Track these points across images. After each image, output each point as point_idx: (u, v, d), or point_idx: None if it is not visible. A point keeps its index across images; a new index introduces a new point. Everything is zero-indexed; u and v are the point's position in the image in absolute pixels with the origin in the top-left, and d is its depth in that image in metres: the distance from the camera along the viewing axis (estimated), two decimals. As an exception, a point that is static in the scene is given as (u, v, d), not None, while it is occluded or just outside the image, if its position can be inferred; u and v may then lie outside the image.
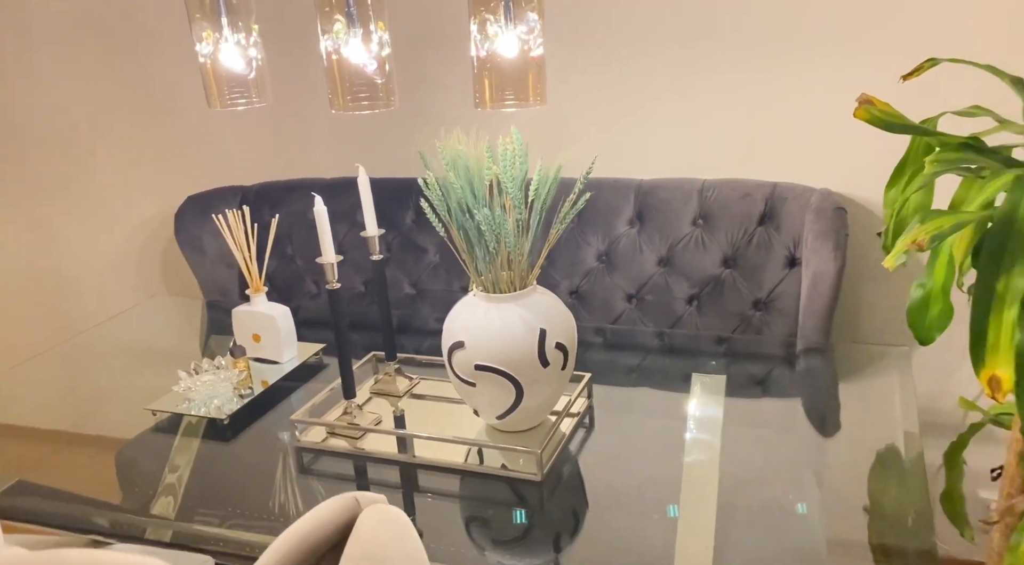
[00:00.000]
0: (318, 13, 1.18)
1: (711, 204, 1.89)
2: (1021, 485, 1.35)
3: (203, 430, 1.56)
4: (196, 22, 1.27)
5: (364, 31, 1.17)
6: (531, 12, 1.06)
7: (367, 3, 1.16)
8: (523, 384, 1.33)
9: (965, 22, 1.69)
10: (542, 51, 1.09)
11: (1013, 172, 1.13)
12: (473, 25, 1.10)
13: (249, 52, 1.30)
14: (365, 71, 1.18)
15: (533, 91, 1.12)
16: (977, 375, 1.10)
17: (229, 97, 1.31)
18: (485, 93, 1.12)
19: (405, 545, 0.81)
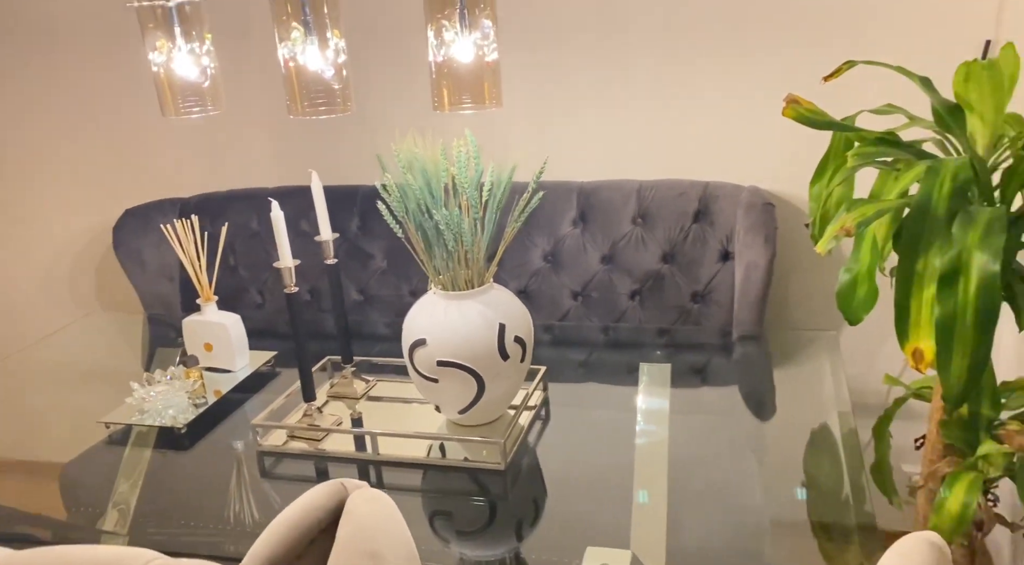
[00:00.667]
0: (275, 22, 1.21)
1: (649, 204, 1.98)
2: (942, 451, 1.47)
3: (156, 441, 1.55)
4: (149, 31, 1.28)
5: (321, 38, 1.21)
6: (485, 19, 1.12)
7: (323, 11, 1.19)
8: (484, 377, 1.38)
9: (879, 26, 1.83)
10: (496, 56, 1.15)
11: (925, 163, 1.25)
12: (430, 31, 1.15)
13: (203, 61, 1.32)
14: (323, 77, 1.21)
15: (489, 94, 1.17)
16: (902, 348, 1.20)
17: (183, 106, 1.32)
18: (444, 97, 1.17)
19: (395, 523, 0.85)
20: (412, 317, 1.42)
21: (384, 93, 2.21)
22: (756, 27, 1.90)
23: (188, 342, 1.77)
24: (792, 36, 1.88)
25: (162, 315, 2.27)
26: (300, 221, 2.25)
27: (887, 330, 2.04)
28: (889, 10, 1.81)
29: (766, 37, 1.90)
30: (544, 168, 1.35)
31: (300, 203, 2.24)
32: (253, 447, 1.49)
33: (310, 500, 0.85)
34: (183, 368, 1.69)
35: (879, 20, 1.82)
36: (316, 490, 0.87)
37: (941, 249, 1.16)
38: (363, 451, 1.45)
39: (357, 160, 2.30)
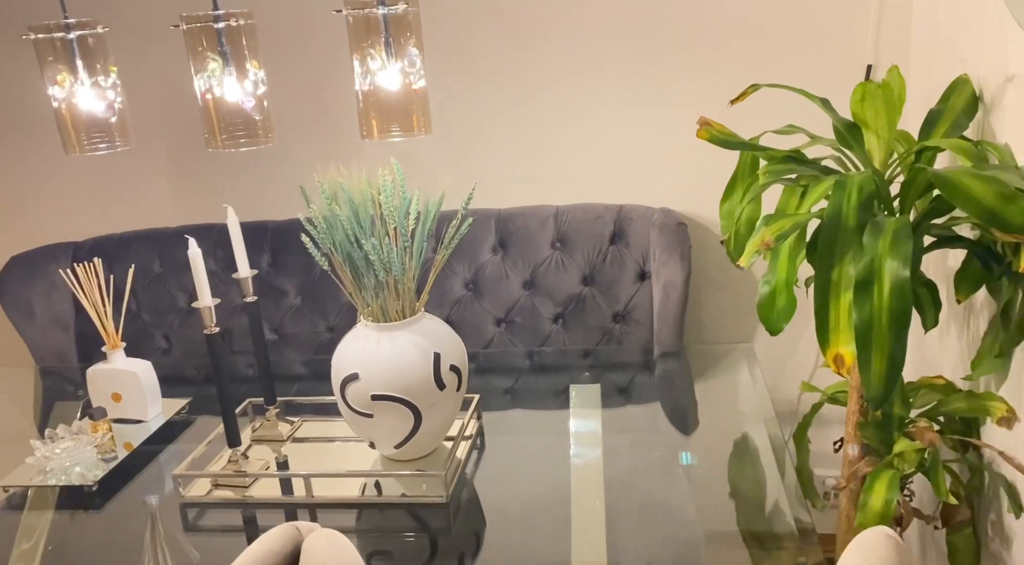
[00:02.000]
0: (190, 52, 1.17)
1: (566, 228, 2.01)
2: (860, 452, 1.54)
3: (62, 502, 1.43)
4: (48, 65, 1.21)
5: (240, 69, 1.17)
6: (412, 47, 1.12)
7: (242, 41, 1.16)
8: (421, 409, 1.35)
9: (770, 52, 1.94)
10: (424, 83, 1.15)
11: (832, 178, 1.32)
12: (356, 60, 1.13)
13: (108, 94, 1.26)
14: (243, 109, 1.18)
15: (418, 122, 1.17)
16: (824, 355, 1.26)
17: (89, 143, 1.25)
18: (372, 126, 1.15)
19: (355, 562, 0.82)
20: (342, 351, 1.39)
21: (289, 125, 2.16)
22: (660, 54, 1.97)
23: (93, 393, 1.66)
24: (693, 62, 1.97)
25: (57, 367, 2.12)
26: (206, 259, 2.15)
27: (796, 338, 2.14)
28: (779, 38, 1.92)
29: (670, 64, 1.98)
30: (472, 194, 1.35)
31: (204, 242, 2.15)
32: (175, 499, 1.41)
33: (265, 546, 0.81)
34: (89, 421, 1.58)
35: (770, 47, 1.93)
36: (269, 535, 0.83)
37: (854, 258, 1.23)
38: (291, 495, 1.39)
39: (263, 195, 2.23)
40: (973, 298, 1.55)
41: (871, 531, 0.76)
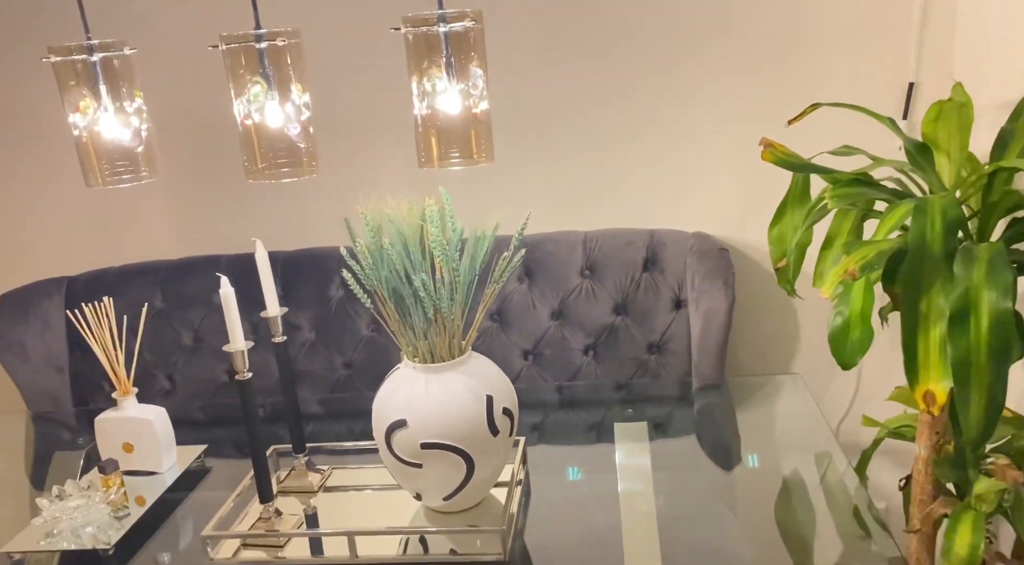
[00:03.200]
0: (229, 75, 1.06)
1: (596, 254, 1.92)
2: (932, 492, 1.46)
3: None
4: (70, 90, 1.10)
5: (283, 93, 1.07)
6: (474, 67, 1.03)
7: (287, 62, 1.06)
8: (474, 457, 1.24)
9: (807, 73, 1.87)
10: (487, 106, 1.05)
11: (909, 203, 1.25)
12: (413, 82, 1.04)
13: (133, 121, 1.15)
14: (288, 135, 1.07)
15: (477, 148, 1.07)
16: (912, 391, 1.17)
17: (112, 173, 1.14)
18: (432, 152, 1.06)
19: None
20: (386, 395, 1.27)
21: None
22: (690, 77, 1.90)
23: (102, 443, 1.53)
24: (724, 84, 1.90)
25: (51, 413, 1.98)
26: (212, 295, 2.03)
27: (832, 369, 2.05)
28: (815, 59, 1.85)
29: (700, 86, 1.90)
30: (526, 224, 1.25)
31: (207, 277, 2.04)
32: (201, 562, 1.28)
33: None
34: (99, 475, 1.44)
35: (807, 68, 1.86)
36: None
37: (943, 288, 1.15)
38: (320, 555, 1.27)
39: (267, 226, 2.12)
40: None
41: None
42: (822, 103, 1.41)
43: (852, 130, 1.72)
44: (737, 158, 1.93)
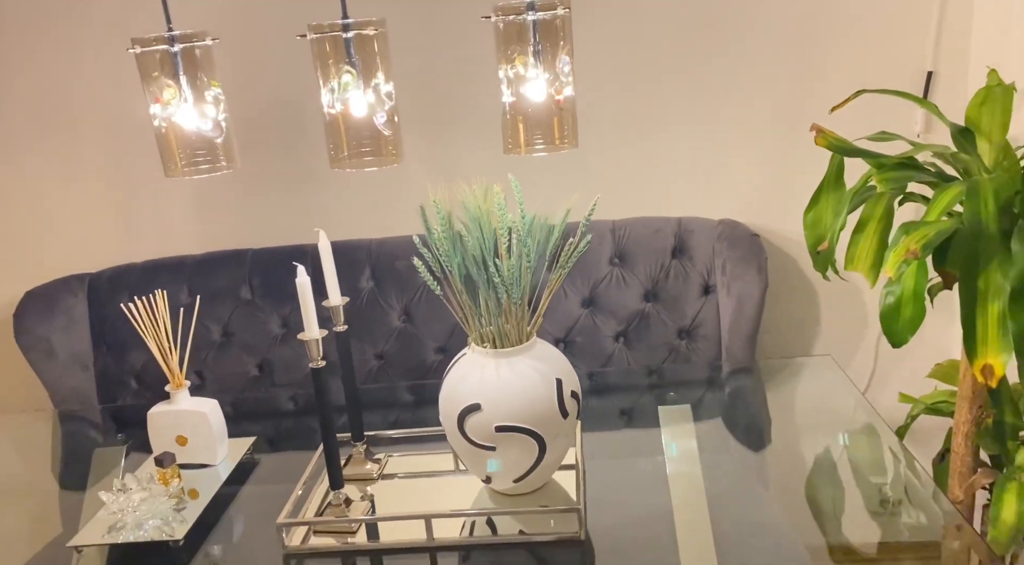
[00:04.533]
0: (317, 64, 1.07)
1: (625, 243, 1.96)
2: (972, 464, 1.52)
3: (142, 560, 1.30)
4: (153, 80, 1.10)
5: (367, 82, 1.08)
6: (564, 54, 1.05)
7: (374, 50, 1.07)
8: (546, 439, 1.27)
9: (826, 63, 1.93)
10: (571, 93, 1.08)
11: (960, 184, 1.30)
12: (502, 71, 1.06)
13: (210, 111, 1.15)
14: (373, 124, 1.09)
15: (561, 134, 1.09)
16: (972, 366, 1.23)
17: (190, 164, 1.14)
18: (519, 138, 1.08)
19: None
20: (457, 380, 1.29)
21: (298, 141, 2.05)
22: (714, 67, 1.94)
23: (155, 437, 1.52)
24: (746, 74, 1.94)
25: (77, 411, 1.95)
26: (240, 288, 2.03)
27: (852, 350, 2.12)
28: (836, 48, 1.91)
29: (724, 76, 1.95)
30: (595, 208, 1.28)
31: (237, 269, 2.04)
32: (273, 550, 1.29)
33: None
34: (157, 469, 1.44)
35: (829, 58, 1.92)
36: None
37: (1002, 266, 1.21)
38: (376, 540, 1.29)
39: (290, 220, 2.11)
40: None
41: None
42: (867, 90, 1.46)
43: (868, 116, 1.78)
44: (760, 147, 1.98)
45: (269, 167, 2.08)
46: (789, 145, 1.97)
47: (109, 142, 2.08)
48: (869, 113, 1.82)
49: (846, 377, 1.70)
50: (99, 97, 2.05)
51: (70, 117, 2.07)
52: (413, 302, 2.01)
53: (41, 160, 2.10)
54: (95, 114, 2.06)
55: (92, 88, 2.04)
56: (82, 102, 2.06)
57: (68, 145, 2.09)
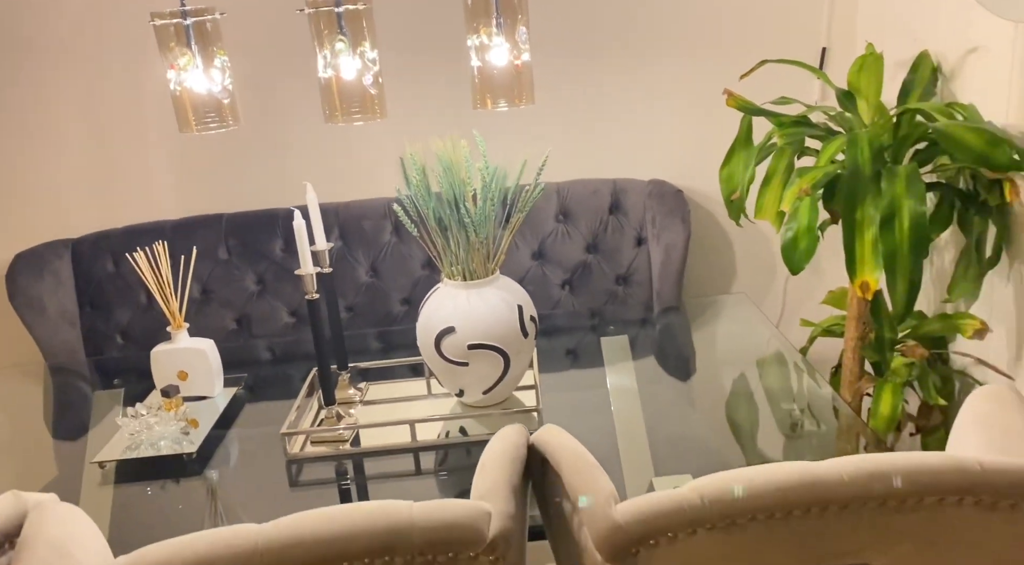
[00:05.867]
0: (314, 35, 1.28)
1: (568, 202, 2.21)
2: (859, 372, 1.83)
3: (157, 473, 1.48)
4: (169, 50, 1.29)
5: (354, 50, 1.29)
6: (521, 26, 1.28)
7: (362, 24, 1.28)
8: (510, 355, 1.50)
9: (733, 40, 2.20)
10: (528, 58, 1.31)
11: (842, 137, 1.58)
12: (470, 40, 1.28)
13: (217, 76, 1.34)
14: (362, 85, 1.30)
15: (519, 94, 1.33)
16: (852, 283, 1.52)
17: (200, 123, 1.34)
18: (486, 98, 1.30)
19: (87, 531, 0.90)
20: (433, 309, 1.52)
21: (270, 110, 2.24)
22: (643, 49, 2.20)
23: (158, 373, 1.70)
24: (669, 55, 2.21)
25: (67, 364, 2.10)
26: (217, 250, 2.20)
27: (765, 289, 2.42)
28: (744, 28, 2.19)
29: (650, 56, 2.21)
30: (545, 162, 1.52)
31: (213, 233, 2.21)
32: (276, 459, 1.49)
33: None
34: (163, 399, 1.62)
35: (737, 36, 2.20)
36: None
37: (874, 201, 1.49)
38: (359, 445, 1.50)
39: (262, 186, 2.29)
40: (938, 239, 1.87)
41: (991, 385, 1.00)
42: (769, 60, 1.73)
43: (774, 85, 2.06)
44: (683, 114, 2.26)
45: (243, 136, 2.25)
46: (707, 112, 2.25)
47: (88, 112, 2.22)
48: (775, 83, 2.09)
49: (760, 312, 1.99)
50: (79, 70, 2.18)
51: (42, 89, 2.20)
52: (379, 258, 2.22)
53: (23, 131, 2.23)
54: (75, 86, 2.20)
55: (73, 60, 2.18)
56: (62, 74, 2.19)
57: (49, 116, 2.22)
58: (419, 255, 2.22)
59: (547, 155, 1.52)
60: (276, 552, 0.79)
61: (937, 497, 0.81)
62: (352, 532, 0.80)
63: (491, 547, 0.82)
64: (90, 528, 0.91)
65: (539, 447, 0.97)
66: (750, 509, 0.80)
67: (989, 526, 0.82)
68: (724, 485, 0.81)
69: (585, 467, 0.89)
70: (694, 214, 2.30)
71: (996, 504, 0.81)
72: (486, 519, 0.83)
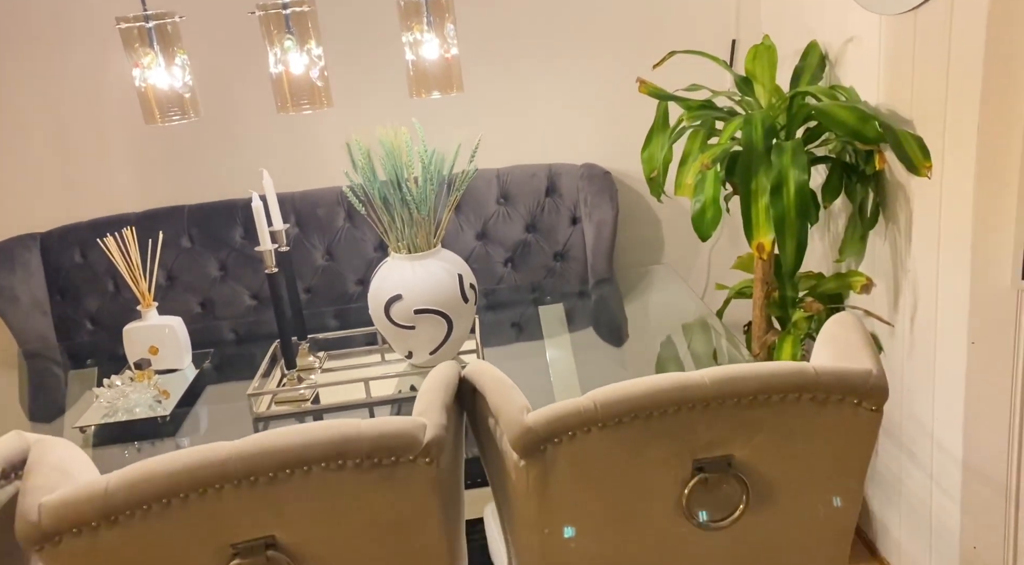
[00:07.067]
0: (264, 35, 1.44)
1: (508, 185, 2.40)
2: (765, 327, 2.04)
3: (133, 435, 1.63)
4: (134, 50, 1.44)
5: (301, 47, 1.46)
6: (449, 23, 1.46)
7: (307, 24, 1.45)
8: (452, 318, 1.69)
9: (653, 34, 2.41)
10: (456, 52, 1.49)
11: (740, 118, 1.80)
12: (404, 36, 1.46)
13: (177, 73, 1.50)
14: (310, 78, 1.47)
15: (450, 84, 1.51)
16: (750, 245, 1.73)
17: (164, 116, 1.49)
18: (420, 88, 1.48)
19: (82, 459, 1.06)
20: (382, 279, 1.69)
21: (225, 106, 2.39)
22: (571, 46, 2.40)
23: (130, 348, 1.84)
24: (594, 50, 2.41)
25: (41, 350, 2.23)
26: (181, 238, 2.34)
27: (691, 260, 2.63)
28: (660, 23, 2.40)
29: (580, 52, 2.41)
30: (478, 145, 1.70)
31: (176, 224, 2.35)
32: (244, 418, 1.65)
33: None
34: (136, 371, 1.77)
35: (655, 31, 2.41)
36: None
37: (766, 172, 1.71)
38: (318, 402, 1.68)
39: (220, 178, 2.44)
40: (832, 207, 2.10)
41: (842, 313, 1.21)
42: (677, 51, 1.94)
43: (691, 74, 2.28)
44: (610, 104, 2.46)
45: (200, 131, 2.40)
46: (631, 100, 2.45)
47: (50, 111, 2.35)
48: (692, 72, 2.32)
49: (683, 281, 2.20)
50: (39, 70, 2.31)
51: (13, 90, 2.32)
52: (334, 242, 2.38)
53: (-15, 134, 2.35)
54: (35, 83, 2.32)
55: (32, 60, 2.30)
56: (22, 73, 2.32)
57: (11, 114, 2.34)
58: (371, 238, 2.39)
59: (479, 139, 1.70)
60: (246, 458, 0.96)
61: (781, 395, 1.01)
62: (310, 441, 0.97)
63: (426, 451, 1.01)
64: (83, 458, 1.07)
65: (469, 377, 1.15)
66: (632, 409, 1.00)
67: (822, 417, 1.03)
68: (612, 391, 1.00)
69: (504, 388, 1.08)
70: (623, 193, 2.51)
71: (827, 399, 1.02)
72: (422, 429, 1.02)
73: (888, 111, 1.75)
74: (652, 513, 1.06)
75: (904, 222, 1.77)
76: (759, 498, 1.07)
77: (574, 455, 1.01)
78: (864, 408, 1.03)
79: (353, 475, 0.99)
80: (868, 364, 1.03)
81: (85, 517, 0.93)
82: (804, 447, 1.04)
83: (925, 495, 1.83)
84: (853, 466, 1.07)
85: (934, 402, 1.76)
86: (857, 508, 1.12)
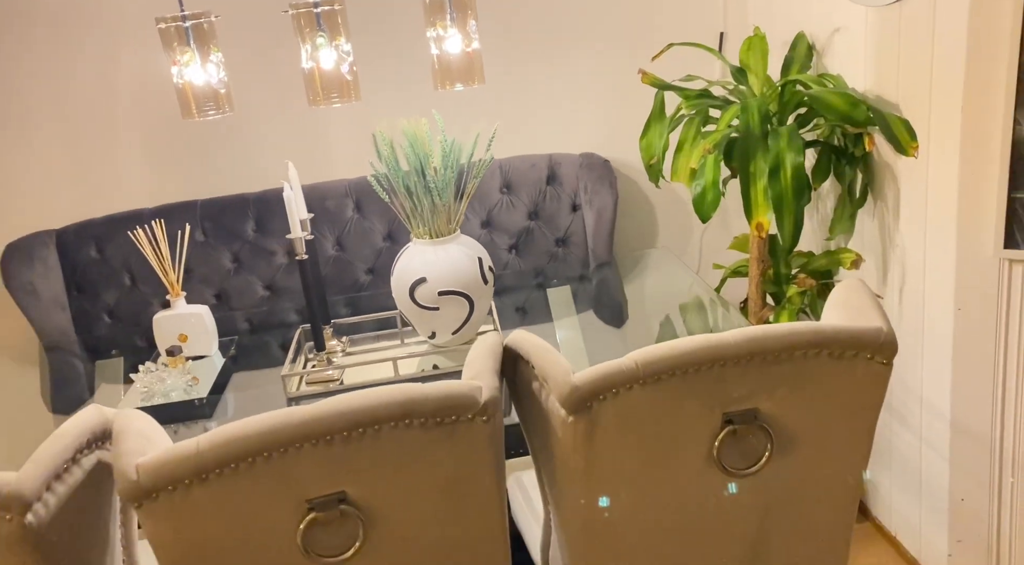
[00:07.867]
0: (297, 33, 1.52)
1: (510, 176, 2.49)
2: (761, 303, 2.17)
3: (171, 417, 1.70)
4: (172, 49, 1.52)
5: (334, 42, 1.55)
6: (471, 20, 1.55)
7: (338, 22, 1.54)
8: (474, 299, 1.78)
9: (644, 29, 2.52)
10: (478, 46, 1.58)
11: (737, 105, 1.91)
12: (429, 32, 1.55)
13: (213, 70, 1.58)
14: (340, 73, 1.56)
15: (472, 77, 1.60)
16: (749, 224, 1.85)
17: (200, 110, 1.57)
18: (444, 80, 1.57)
19: (159, 429, 1.14)
20: (406, 263, 1.78)
21: (238, 104, 2.46)
22: (571, 42, 2.50)
23: (160, 337, 1.91)
24: (592, 45, 2.51)
25: (61, 344, 2.28)
26: (194, 232, 2.41)
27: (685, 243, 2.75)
28: (652, 19, 2.51)
29: (579, 47, 2.51)
30: (495, 134, 1.80)
31: (189, 218, 2.42)
32: (277, 399, 1.74)
33: (75, 423, 1.11)
34: (168, 358, 1.84)
35: (648, 26, 2.52)
36: (80, 415, 1.13)
37: (764, 156, 1.82)
38: (344, 382, 1.77)
39: (234, 171, 2.50)
40: (821, 188, 2.22)
41: (850, 279, 1.33)
42: (675, 43, 2.05)
43: (684, 65, 2.39)
44: (606, 95, 2.57)
45: (210, 126, 2.46)
46: (626, 91, 2.56)
47: (63, 108, 2.40)
48: (682, 64, 2.42)
49: (681, 262, 2.31)
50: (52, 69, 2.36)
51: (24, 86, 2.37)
52: (344, 233, 2.46)
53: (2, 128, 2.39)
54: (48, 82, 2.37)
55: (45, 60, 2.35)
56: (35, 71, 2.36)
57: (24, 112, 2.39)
58: (380, 228, 2.47)
59: (496, 128, 1.80)
60: (323, 419, 1.05)
61: (803, 351, 1.13)
62: (381, 402, 1.07)
63: (483, 410, 1.10)
64: (158, 426, 1.15)
65: (512, 346, 1.25)
66: (670, 367, 1.10)
67: (838, 371, 1.14)
68: (651, 352, 1.11)
69: (548, 353, 1.18)
70: (620, 181, 2.62)
71: (842, 354, 1.14)
72: (479, 391, 1.11)
73: (875, 97, 1.88)
74: (685, 462, 1.17)
75: (892, 200, 1.90)
76: (781, 447, 1.18)
77: (617, 410, 1.12)
78: (876, 361, 1.14)
79: (419, 433, 1.08)
80: (878, 322, 1.15)
81: (179, 475, 1.01)
82: (822, 399, 1.16)
83: (915, 455, 1.97)
84: (866, 415, 1.19)
85: (923, 367, 1.89)
86: (867, 454, 1.24)
